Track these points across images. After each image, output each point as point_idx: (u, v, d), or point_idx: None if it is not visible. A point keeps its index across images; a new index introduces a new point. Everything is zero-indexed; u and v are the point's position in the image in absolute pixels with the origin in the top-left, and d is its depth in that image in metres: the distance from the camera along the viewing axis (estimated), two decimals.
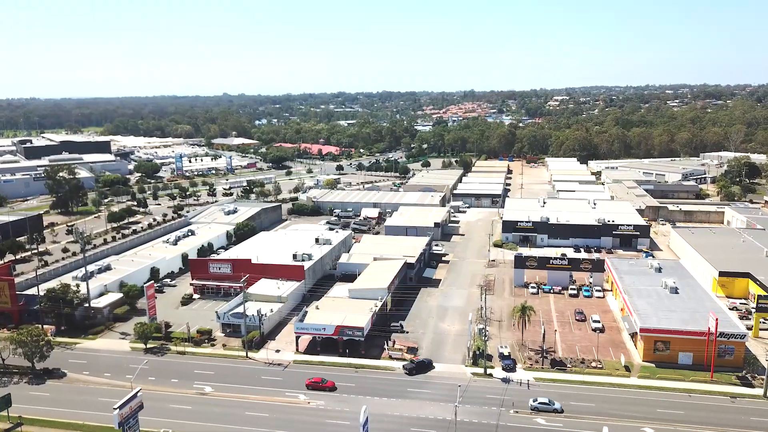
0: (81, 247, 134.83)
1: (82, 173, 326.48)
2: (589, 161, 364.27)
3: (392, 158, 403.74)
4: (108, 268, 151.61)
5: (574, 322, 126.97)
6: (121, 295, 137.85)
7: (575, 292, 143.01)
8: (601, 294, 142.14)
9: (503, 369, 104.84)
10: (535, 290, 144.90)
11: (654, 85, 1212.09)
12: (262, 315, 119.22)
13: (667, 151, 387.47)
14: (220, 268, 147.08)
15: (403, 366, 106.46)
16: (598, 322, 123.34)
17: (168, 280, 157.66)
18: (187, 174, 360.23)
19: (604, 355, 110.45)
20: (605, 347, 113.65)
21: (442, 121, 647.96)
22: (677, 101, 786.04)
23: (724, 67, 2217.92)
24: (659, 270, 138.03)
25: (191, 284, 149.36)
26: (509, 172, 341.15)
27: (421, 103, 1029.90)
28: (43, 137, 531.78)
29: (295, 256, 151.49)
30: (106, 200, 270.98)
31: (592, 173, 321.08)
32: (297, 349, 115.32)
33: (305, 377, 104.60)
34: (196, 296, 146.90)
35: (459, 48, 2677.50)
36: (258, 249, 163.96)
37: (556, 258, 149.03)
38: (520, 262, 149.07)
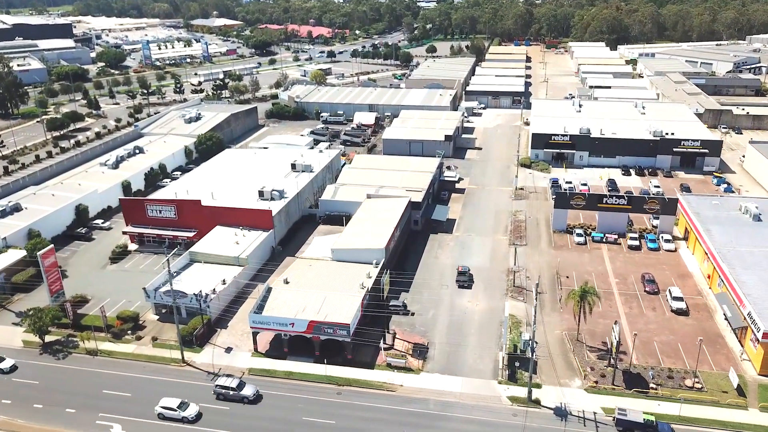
0: None
1: (33, 64, 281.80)
2: (619, 46, 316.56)
3: (392, 42, 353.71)
4: (16, 208, 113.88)
5: (643, 295, 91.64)
6: (24, 253, 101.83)
7: (637, 242, 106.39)
8: (671, 245, 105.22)
9: None
10: (581, 238, 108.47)
11: None
12: (205, 296, 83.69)
13: (708, 34, 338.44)
14: (161, 212, 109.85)
15: (457, 280, 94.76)
16: (681, 300, 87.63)
17: (100, 221, 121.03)
18: (158, 63, 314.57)
19: (696, 359, 75.31)
20: (696, 343, 77.65)
21: None
22: None
23: None
24: (758, 218, 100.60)
25: (125, 232, 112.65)
26: (528, 60, 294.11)
27: None
28: None
29: (262, 194, 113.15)
30: (54, 99, 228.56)
31: (626, 61, 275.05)
32: (255, 348, 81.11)
33: (265, 402, 71.22)
34: (132, 247, 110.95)
35: None
36: (217, 177, 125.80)
37: (611, 196, 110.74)
38: (563, 201, 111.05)
